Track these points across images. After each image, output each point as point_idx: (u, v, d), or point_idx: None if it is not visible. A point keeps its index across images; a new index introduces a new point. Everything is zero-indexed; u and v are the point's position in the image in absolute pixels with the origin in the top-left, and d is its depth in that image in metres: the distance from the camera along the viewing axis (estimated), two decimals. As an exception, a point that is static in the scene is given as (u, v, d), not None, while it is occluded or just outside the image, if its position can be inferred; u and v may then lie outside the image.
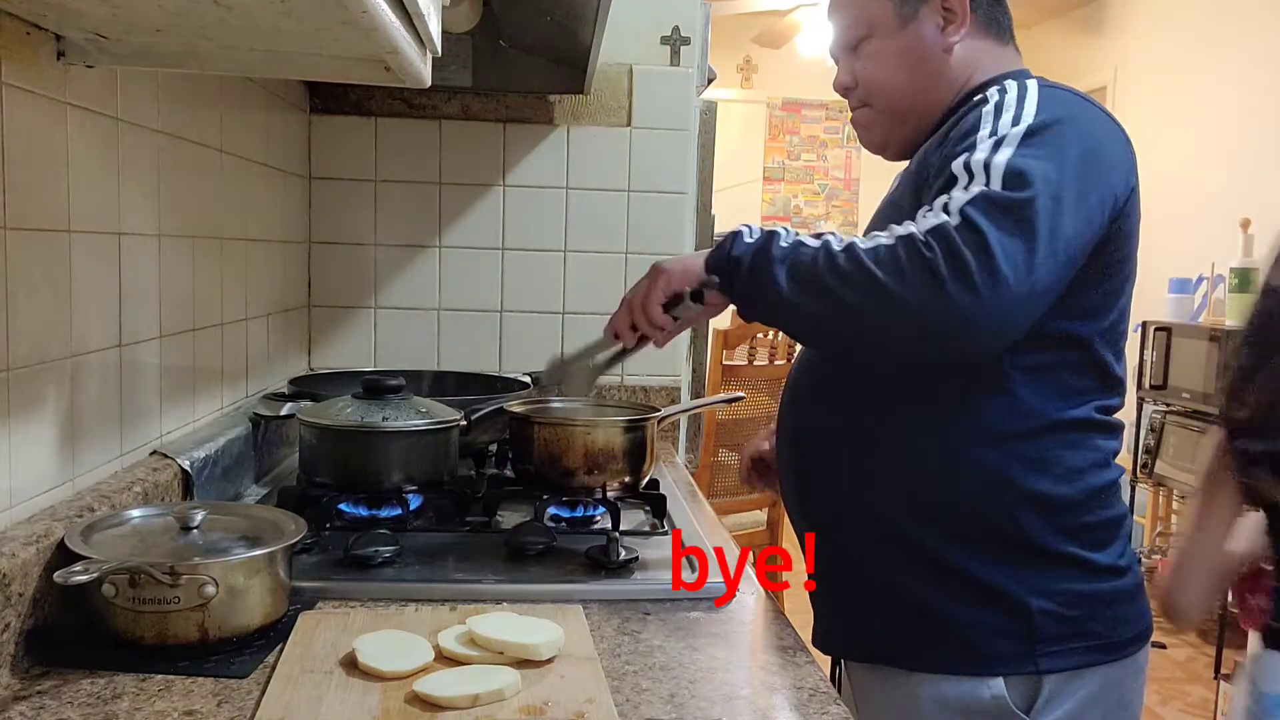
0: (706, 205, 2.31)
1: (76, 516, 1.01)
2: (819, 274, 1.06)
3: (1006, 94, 1.13)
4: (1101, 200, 1.08)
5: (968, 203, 1.02)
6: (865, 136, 1.34)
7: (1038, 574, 1.13)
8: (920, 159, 1.23)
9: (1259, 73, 4.26)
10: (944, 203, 1.04)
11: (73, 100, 1.06)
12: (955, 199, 1.03)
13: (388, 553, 1.18)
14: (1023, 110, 1.10)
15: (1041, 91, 1.13)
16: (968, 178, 1.05)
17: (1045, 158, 1.05)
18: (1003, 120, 1.10)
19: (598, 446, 1.33)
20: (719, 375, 3.20)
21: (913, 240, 1.02)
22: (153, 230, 1.29)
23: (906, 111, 1.28)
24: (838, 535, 1.24)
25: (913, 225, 1.04)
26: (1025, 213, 1.01)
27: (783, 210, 6.61)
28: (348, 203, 2.06)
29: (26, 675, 0.89)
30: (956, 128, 1.16)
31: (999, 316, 1.00)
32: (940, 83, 1.25)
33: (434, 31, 0.98)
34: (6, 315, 0.95)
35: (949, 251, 1.00)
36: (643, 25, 2.09)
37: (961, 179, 1.06)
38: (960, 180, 1.06)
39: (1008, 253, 0.99)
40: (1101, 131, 1.13)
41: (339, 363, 2.08)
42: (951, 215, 1.02)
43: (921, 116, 1.27)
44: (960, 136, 1.13)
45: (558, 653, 0.95)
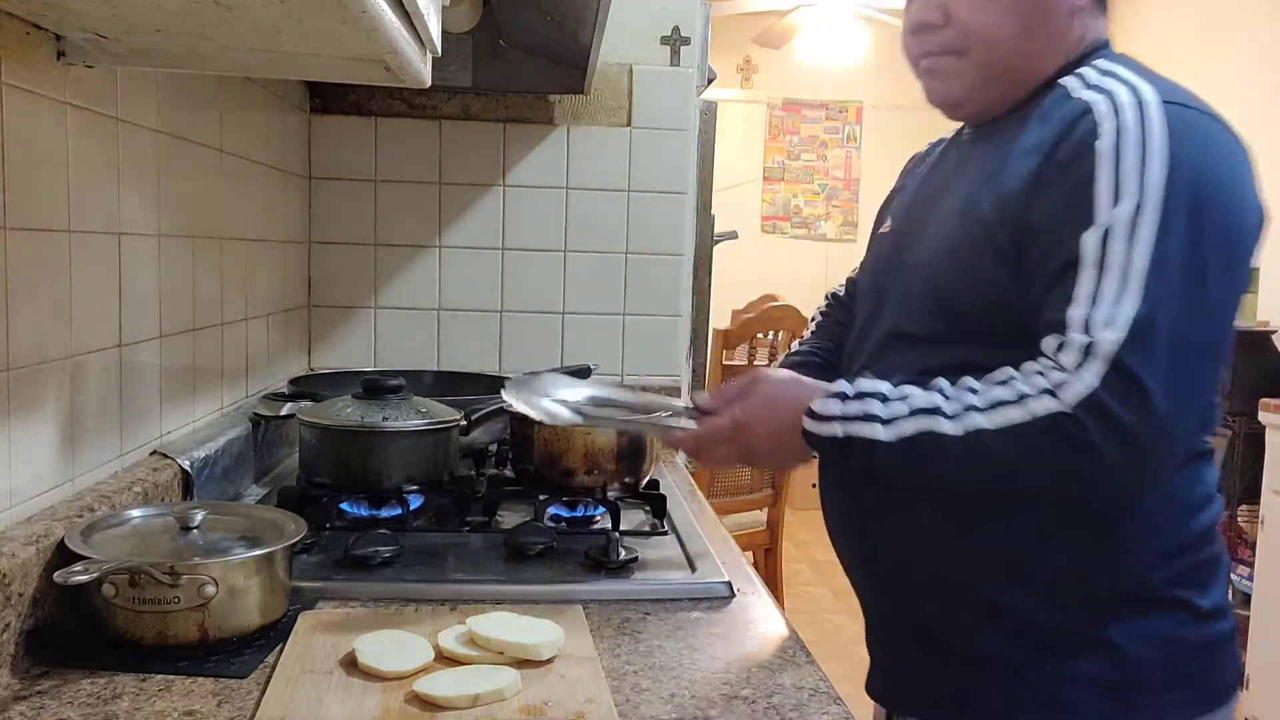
0: (706, 205, 2.32)
1: (76, 516, 1.01)
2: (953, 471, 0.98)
3: (1124, 129, 0.96)
4: (1241, 274, 0.99)
5: (1118, 350, 0.91)
6: (938, 87, 1.13)
7: (1139, 621, 1.03)
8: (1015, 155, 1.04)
9: (1259, 72, 4.26)
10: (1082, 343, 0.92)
11: (73, 100, 1.06)
12: (1100, 340, 0.91)
13: (388, 553, 1.18)
14: (1148, 163, 0.94)
15: (1171, 123, 0.96)
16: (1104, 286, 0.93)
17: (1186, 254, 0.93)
18: (1125, 175, 0.94)
19: (598, 446, 1.33)
20: (719, 375, 3.20)
21: (1059, 420, 0.92)
22: (153, 230, 1.29)
23: (1006, 72, 1.09)
24: (913, 596, 1.11)
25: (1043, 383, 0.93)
26: (1181, 343, 0.92)
27: (783, 210, 6.61)
28: (348, 203, 2.06)
29: (26, 675, 0.89)
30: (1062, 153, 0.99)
31: (1168, 460, 0.95)
32: (1052, 47, 1.08)
33: (434, 31, 0.98)
34: (6, 315, 0.95)
35: (1103, 421, 0.90)
36: (643, 25, 2.08)
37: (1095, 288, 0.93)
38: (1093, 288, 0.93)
39: (1169, 397, 0.91)
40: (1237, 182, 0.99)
41: (339, 363, 2.08)
42: (1094, 368, 0.91)
43: (1017, 82, 1.09)
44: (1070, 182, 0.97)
45: (558, 653, 0.95)
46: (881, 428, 0.99)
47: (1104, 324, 0.92)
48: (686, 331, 2.25)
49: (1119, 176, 0.94)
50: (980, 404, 0.96)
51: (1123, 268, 0.92)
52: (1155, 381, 0.90)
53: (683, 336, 2.21)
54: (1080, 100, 1.01)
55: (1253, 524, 3.33)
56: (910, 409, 0.99)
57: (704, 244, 2.32)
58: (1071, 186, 0.97)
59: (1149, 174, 0.93)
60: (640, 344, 2.13)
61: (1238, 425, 3.50)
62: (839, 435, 1.01)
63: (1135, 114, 0.97)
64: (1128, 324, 0.91)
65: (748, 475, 3.39)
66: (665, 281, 2.12)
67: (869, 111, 6.46)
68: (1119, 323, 0.91)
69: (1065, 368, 0.93)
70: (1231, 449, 3.56)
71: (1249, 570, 3.37)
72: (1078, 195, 0.96)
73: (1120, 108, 0.97)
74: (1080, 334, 0.93)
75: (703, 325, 2.38)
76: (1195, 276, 0.93)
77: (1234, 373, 3.51)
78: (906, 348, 1.11)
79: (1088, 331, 0.92)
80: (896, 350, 1.13)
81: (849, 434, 1.01)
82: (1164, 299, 0.92)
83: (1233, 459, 3.54)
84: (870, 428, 1.00)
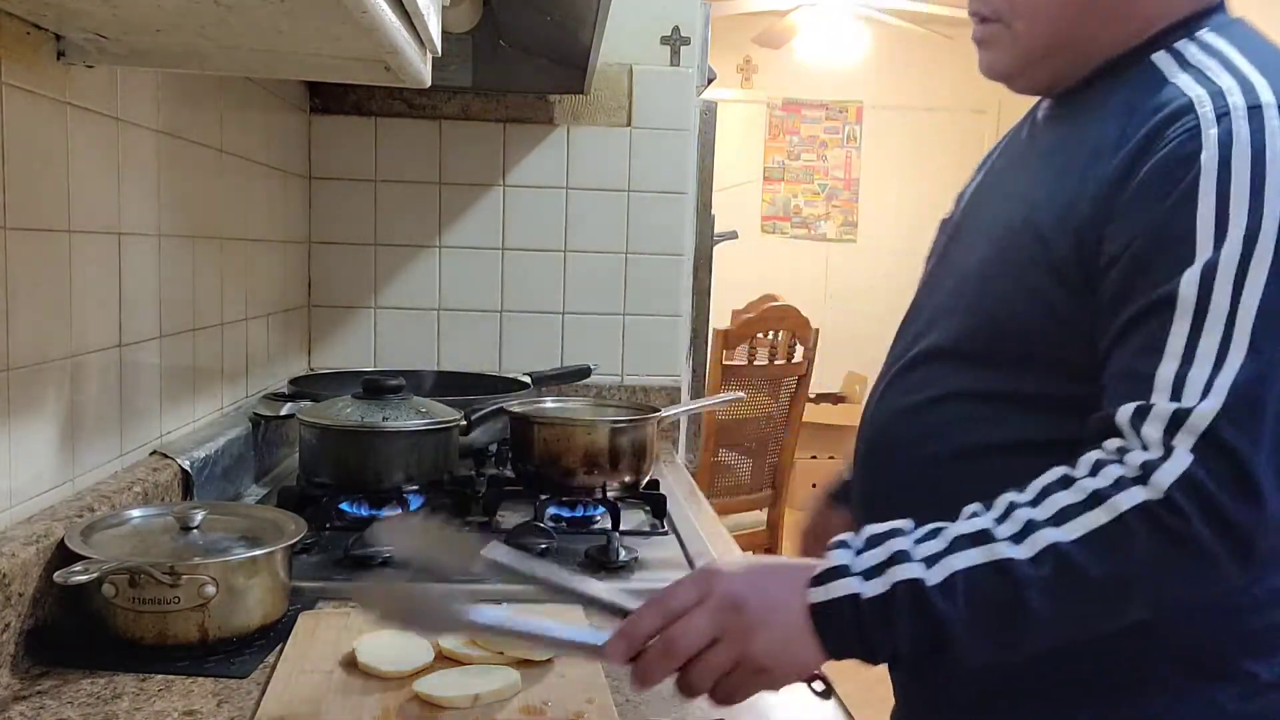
0: (706, 205, 2.31)
1: (76, 516, 1.01)
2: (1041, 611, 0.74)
3: (1236, 139, 0.78)
4: None
5: (1215, 421, 0.74)
6: (985, 58, 0.99)
7: (1194, 691, 0.88)
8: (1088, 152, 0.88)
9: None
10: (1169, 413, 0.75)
11: (73, 100, 1.06)
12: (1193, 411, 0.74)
13: (388, 553, 1.18)
14: (1266, 185, 0.77)
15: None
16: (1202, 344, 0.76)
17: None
18: (1235, 198, 0.77)
19: (598, 446, 1.33)
20: (719, 375, 3.20)
21: (1150, 512, 0.74)
22: (153, 230, 1.29)
23: (1061, 45, 0.94)
24: None
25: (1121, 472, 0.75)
26: None
27: (783, 210, 6.61)
28: (348, 203, 2.06)
29: (26, 675, 0.89)
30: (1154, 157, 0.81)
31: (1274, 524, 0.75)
32: (1123, 15, 0.91)
33: (434, 31, 0.98)
34: (6, 315, 0.95)
35: (1205, 507, 0.73)
36: (643, 25, 2.08)
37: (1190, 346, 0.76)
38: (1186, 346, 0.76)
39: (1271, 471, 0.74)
40: None
41: (339, 363, 2.08)
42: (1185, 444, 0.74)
43: (1080, 56, 0.94)
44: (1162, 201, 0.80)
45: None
46: (923, 568, 0.76)
47: (1200, 390, 0.75)
48: (686, 331, 2.25)
49: (1227, 201, 0.77)
50: (1041, 516, 0.76)
51: (1225, 318, 0.76)
52: (1264, 464, 0.74)
53: (683, 336, 2.21)
54: (1178, 92, 0.83)
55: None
56: (948, 542, 0.77)
57: (704, 244, 2.32)
58: (1164, 208, 0.80)
59: (1266, 202, 0.76)
60: (640, 344, 2.13)
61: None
62: (866, 595, 0.75)
63: (1249, 122, 0.79)
64: (1229, 391, 0.74)
65: (748, 475, 3.40)
66: (665, 281, 2.12)
67: (869, 111, 6.46)
68: (1219, 389, 0.74)
69: (1149, 444, 0.75)
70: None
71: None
72: (1174, 220, 0.79)
73: (1232, 110, 0.80)
74: (1168, 400, 0.75)
75: (703, 325, 2.38)
76: None
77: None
78: (935, 363, 0.98)
79: (1179, 397, 0.75)
80: (928, 368, 0.98)
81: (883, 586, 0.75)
82: (1277, 359, 0.75)
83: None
84: (909, 568, 0.76)
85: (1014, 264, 0.91)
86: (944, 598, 0.74)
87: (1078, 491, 0.76)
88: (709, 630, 0.76)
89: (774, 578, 0.80)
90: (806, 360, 3.43)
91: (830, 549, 0.80)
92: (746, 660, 0.76)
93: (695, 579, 0.80)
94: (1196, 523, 0.73)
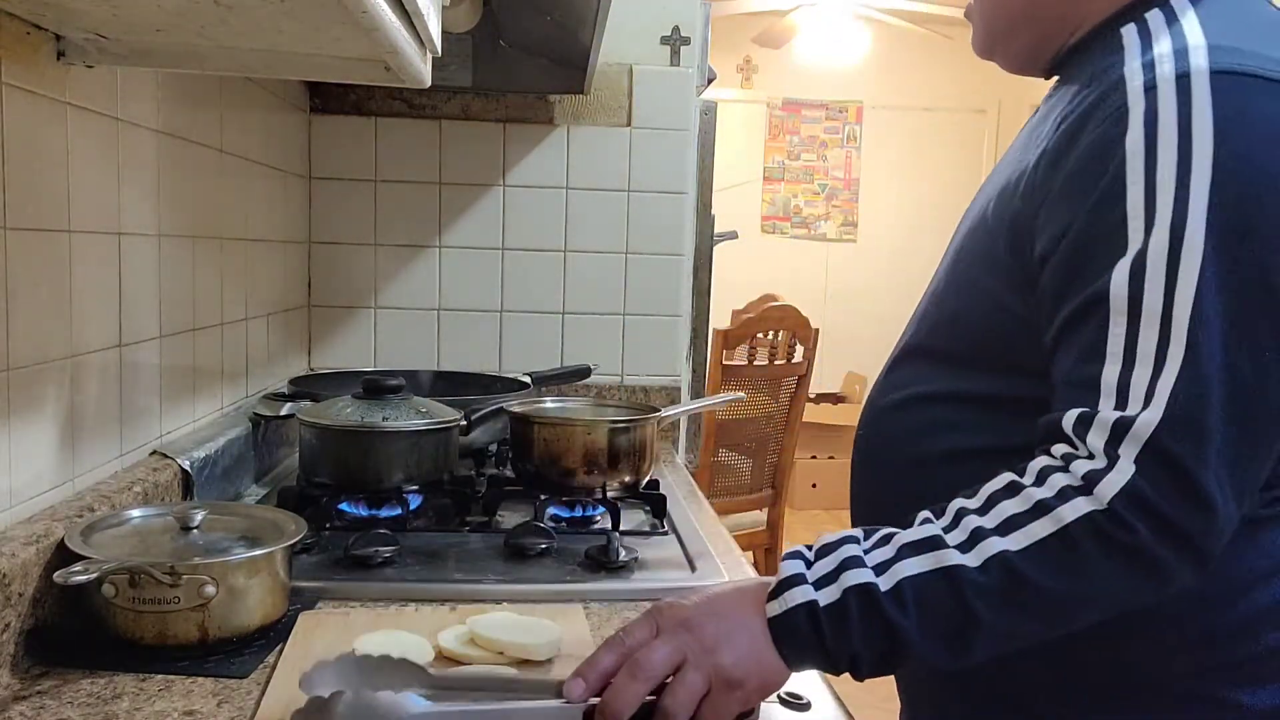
0: (706, 205, 2.31)
1: (76, 516, 1.01)
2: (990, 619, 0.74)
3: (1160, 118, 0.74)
4: None
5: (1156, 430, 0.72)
6: (972, 36, 0.98)
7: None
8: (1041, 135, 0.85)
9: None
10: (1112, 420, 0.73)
11: (73, 100, 1.06)
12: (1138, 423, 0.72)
13: (388, 553, 1.18)
14: (1191, 167, 0.72)
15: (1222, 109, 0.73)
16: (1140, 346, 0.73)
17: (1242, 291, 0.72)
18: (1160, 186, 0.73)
19: (598, 446, 1.33)
20: (719, 375, 3.20)
21: (1095, 523, 0.72)
22: (153, 230, 1.29)
23: (1030, 16, 0.90)
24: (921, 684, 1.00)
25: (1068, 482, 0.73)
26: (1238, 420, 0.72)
27: (783, 210, 6.61)
28: (348, 203, 2.06)
29: (26, 675, 0.89)
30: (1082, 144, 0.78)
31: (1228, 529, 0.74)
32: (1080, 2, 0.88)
33: (434, 31, 0.98)
34: (6, 315, 0.95)
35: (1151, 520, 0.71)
36: (643, 25, 2.09)
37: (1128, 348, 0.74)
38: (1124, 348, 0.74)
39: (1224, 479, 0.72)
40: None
41: (339, 363, 2.08)
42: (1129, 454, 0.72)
43: (1054, 26, 0.90)
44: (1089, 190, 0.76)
45: (556, 653, 0.95)
46: (873, 575, 0.75)
47: (1143, 397, 0.72)
48: (686, 331, 2.25)
49: (1154, 187, 0.73)
50: (989, 524, 0.75)
51: (1161, 316, 0.72)
52: (1209, 475, 0.71)
53: (683, 336, 2.21)
54: (1118, 67, 0.79)
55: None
56: (896, 549, 0.76)
57: (704, 244, 2.32)
58: (1093, 199, 0.76)
59: (1191, 187, 0.72)
60: (640, 344, 2.13)
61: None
62: (822, 602, 0.75)
63: (1173, 95, 0.74)
64: (1170, 397, 0.71)
65: (748, 475, 3.40)
66: (665, 281, 2.12)
67: (869, 111, 6.46)
68: (1160, 395, 0.71)
69: (1093, 453, 0.73)
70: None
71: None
72: (1103, 211, 0.75)
73: (1158, 82, 0.75)
74: (1112, 407, 0.73)
75: (703, 325, 2.38)
76: (1255, 320, 0.72)
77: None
78: (915, 363, 0.97)
79: (1123, 404, 0.73)
80: (906, 366, 0.98)
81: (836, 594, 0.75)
82: (1216, 364, 0.72)
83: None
84: (860, 574, 0.76)
85: (970, 258, 0.90)
86: (894, 604, 0.74)
87: (1024, 500, 0.75)
88: (671, 654, 0.74)
89: (727, 600, 0.79)
90: (806, 360, 3.43)
91: (784, 560, 0.80)
92: (718, 676, 0.74)
93: (645, 617, 0.79)
94: (1144, 534, 0.72)
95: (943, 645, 0.75)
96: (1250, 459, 0.74)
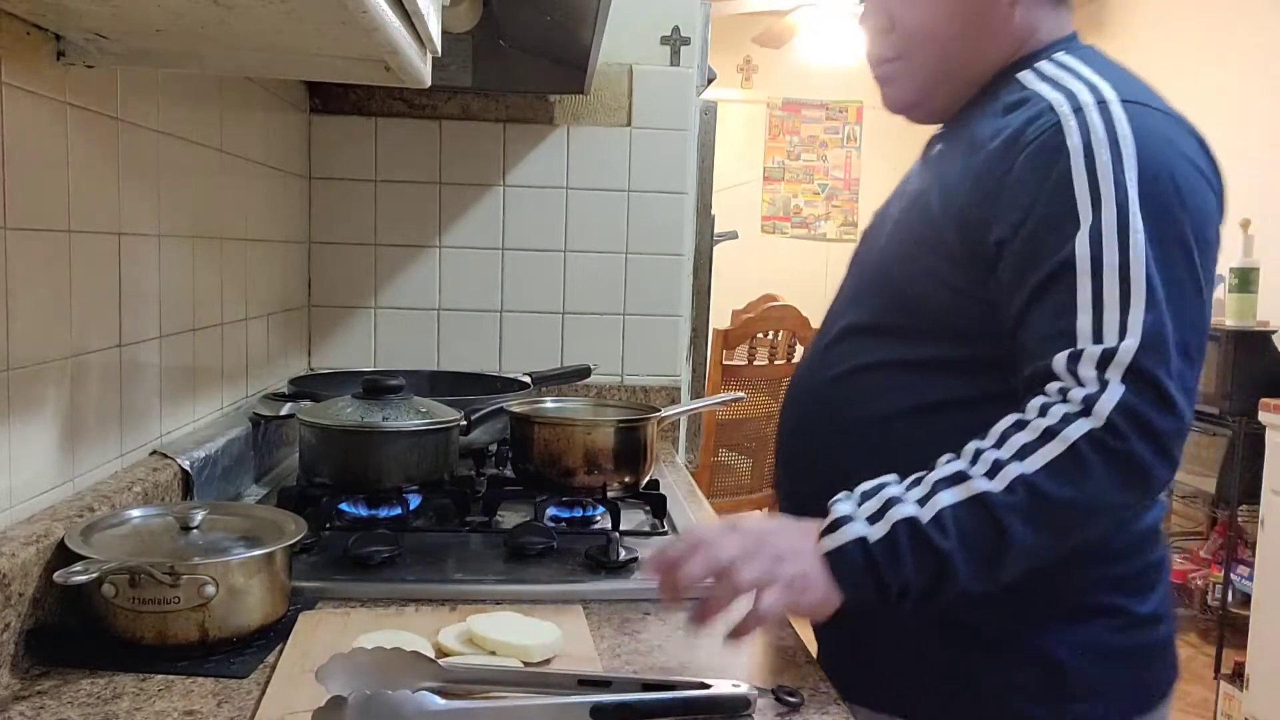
0: (706, 205, 2.31)
1: (76, 516, 1.01)
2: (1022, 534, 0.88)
3: (1092, 129, 0.93)
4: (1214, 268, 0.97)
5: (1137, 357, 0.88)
6: (891, 94, 1.14)
7: (1072, 628, 1.02)
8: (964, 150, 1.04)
9: (1259, 72, 4.26)
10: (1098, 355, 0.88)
11: (73, 100, 1.06)
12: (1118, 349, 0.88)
13: (388, 553, 1.18)
14: (1124, 165, 0.92)
15: (1134, 123, 0.94)
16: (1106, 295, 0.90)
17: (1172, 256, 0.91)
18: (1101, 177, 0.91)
19: (598, 446, 1.33)
20: (719, 375, 3.20)
21: (1095, 437, 0.87)
22: (153, 230, 1.29)
23: (952, 70, 1.10)
24: None
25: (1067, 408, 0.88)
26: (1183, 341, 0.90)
27: (783, 210, 6.61)
28: (348, 203, 2.06)
29: (26, 675, 0.89)
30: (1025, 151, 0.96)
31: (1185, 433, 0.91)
32: (997, 43, 1.08)
33: (434, 31, 0.98)
34: (6, 315, 0.95)
35: (1141, 428, 0.87)
36: (643, 25, 2.09)
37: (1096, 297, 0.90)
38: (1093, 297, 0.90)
39: (1183, 392, 0.89)
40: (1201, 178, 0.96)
41: (339, 363, 2.08)
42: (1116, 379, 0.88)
43: (966, 78, 1.10)
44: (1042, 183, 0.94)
45: (554, 654, 0.95)
46: (916, 508, 0.89)
47: (1118, 332, 0.89)
48: (686, 331, 2.25)
49: (1096, 178, 0.92)
50: (1005, 455, 0.89)
51: (1120, 272, 0.90)
52: (1174, 385, 0.88)
53: (683, 336, 2.21)
54: (1039, 97, 0.99)
55: (1253, 524, 3.33)
56: (930, 486, 0.90)
57: (704, 244, 2.32)
58: (1045, 191, 0.94)
59: (1126, 176, 0.91)
60: (640, 344, 2.13)
61: (1238, 425, 3.50)
62: (873, 537, 0.89)
63: (1099, 114, 0.94)
64: (1141, 329, 0.88)
65: (748, 475, 3.40)
66: (665, 281, 2.12)
67: (869, 111, 6.45)
68: (1134, 330, 0.88)
69: (1085, 382, 0.89)
70: (1231, 449, 3.56)
71: (1249, 570, 3.37)
72: (1055, 200, 0.93)
73: (1084, 107, 0.95)
74: (1094, 344, 0.89)
75: (703, 325, 2.38)
76: (1186, 277, 0.92)
77: (1234, 373, 3.51)
78: (855, 338, 1.11)
79: (1101, 340, 0.89)
80: (848, 342, 1.12)
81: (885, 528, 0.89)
82: (1165, 301, 0.90)
83: (1232, 459, 3.54)
84: (904, 509, 0.89)
85: (913, 246, 1.06)
86: (938, 532, 0.88)
87: (1032, 431, 0.89)
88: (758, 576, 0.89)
89: (785, 531, 0.94)
90: (806, 360, 3.42)
91: (832, 504, 0.93)
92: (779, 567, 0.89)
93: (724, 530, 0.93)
94: (1135, 441, 0.87)
95: (983, 565, 0.89)
96: (1191, 375, 0.91)
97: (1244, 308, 3.60)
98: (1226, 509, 3.64)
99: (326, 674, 0.82)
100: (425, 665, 0.84)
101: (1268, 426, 3.18)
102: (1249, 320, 3.59)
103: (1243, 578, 3.46)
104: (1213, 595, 3.78)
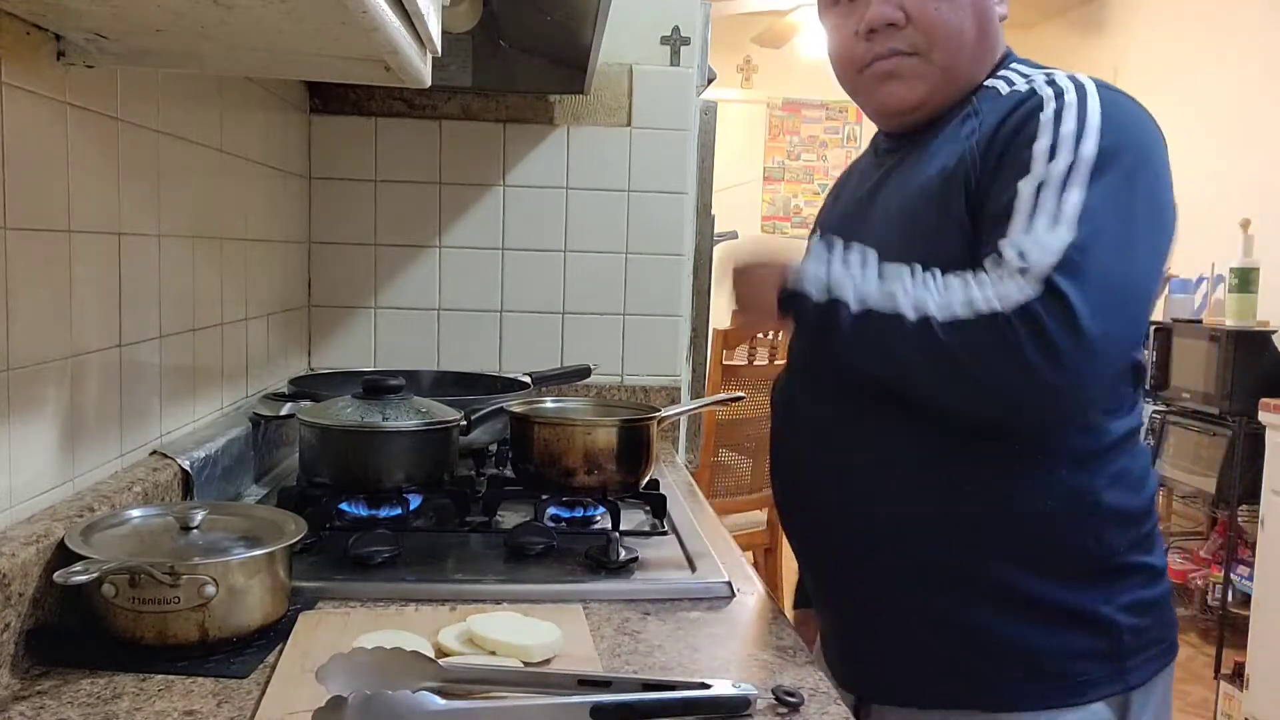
0: (706, 205, 2.31)
1: (76, 516, 1.01)
2: (890, 343, 1.02)
3: (1065, 103, 1.04)
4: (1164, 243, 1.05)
5: (1051, 271, 0.96)
6: (897, 90, 1.16)
7: (1117, 589, 1.09)
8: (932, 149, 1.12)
9: (1259, 73, 4.26)
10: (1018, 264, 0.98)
11: (73, 100, 1.06)
12: (1033, 262, 0.97)
13: (388, 553, 1.18)
14: (1085, 131, 1.02)
15: (1104, 98, 1.05)
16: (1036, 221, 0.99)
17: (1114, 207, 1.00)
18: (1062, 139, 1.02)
19: (598, 446, 1.33)
20: (719, 375, 3.20)
21: (996, 320, 0.96)
22: (153, 230, 1.29)
23: (960, 74, 1.14)
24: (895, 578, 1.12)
25: (987, 290, 0.98)
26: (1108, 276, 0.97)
27: (783, 210, 6.61)
28: (348, 203, 2.06)
29: (26, 675, 0.89)
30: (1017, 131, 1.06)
31: (1090, 387, 0.98)
32: (994, 50, 1.16)
33: (434, 31, 0.98)
34: (6, 315, 0.95)
35: (1034, 330, 0.95)
36: (643, 25, 2.09)
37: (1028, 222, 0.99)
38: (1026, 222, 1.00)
39: (1095, 322, 0.95)
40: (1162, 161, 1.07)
41: (339, 363, 2.08)
42: (1030, 283, 0.96)
43: (963, 85, 1.15)
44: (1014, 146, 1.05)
45: (553, 654, 0.95)
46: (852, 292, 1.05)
47: (1037, 248, 0.97)
48: (686, 331, 2.25)
49: (1057, 140, 1.02)
50: (934, 298, 1.01)
51: (1053, 211, 0.99)
52: (1083, 304, 0.95)
53: (683, 336, 2.21)
54: (1018, 88, 1.10)
55: (1253, 524, 3.34)
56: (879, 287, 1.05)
57: (704, 244, 2.32)
58: (1015, 149, 1.04)
59: (1085, 140, 1.01)
60: (640, 344, 2.13)
61: (1237, 425, 3.50)
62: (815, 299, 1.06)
63: (1075, 92, 1.04)
64: (1059, 251, 0.97)
65: (748, 475, 3.40)
66: (665, 281, 2.12)
67: (869, 111, 6.45)
68: (1051, 248, 0.97)
69: (1002, 279, 0.98)
70: (1231, 449, 3.56)
71: (1249, 570, 3.37)
72: (1019, 155, 1.03)
73: (1064, 88, 1.06)
74: (1015, 255, 0.98)
75: (703, 325, 2.38)
76: (1123, 226, 1.00)
77: (1234, 372, 3.51)
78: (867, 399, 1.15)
79: (1022, 254, 0.98)
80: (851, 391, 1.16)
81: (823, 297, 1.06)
82: (1093, 236, 0.97)
83: (1232, 459, 3.54)
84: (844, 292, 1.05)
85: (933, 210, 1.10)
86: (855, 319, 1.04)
87: (961, 289, 1.00)
88: None
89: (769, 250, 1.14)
90: (806, 360, 3.42)
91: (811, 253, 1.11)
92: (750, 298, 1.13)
93: None
94: (1025, 339, 0.95)
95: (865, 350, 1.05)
96: (1119, 316, 0.98)
97: (1244, 308, 3.60)
98: (1226, 509, 3.64)
99: (326, 674, 0.82)
100: (425, 665, 0.84)
101: (1268, 426, 3.18)
102: (1249, 320, 3.59)
103: (1243, 578, 3.46)
104: (1213, 595, 3.79)
